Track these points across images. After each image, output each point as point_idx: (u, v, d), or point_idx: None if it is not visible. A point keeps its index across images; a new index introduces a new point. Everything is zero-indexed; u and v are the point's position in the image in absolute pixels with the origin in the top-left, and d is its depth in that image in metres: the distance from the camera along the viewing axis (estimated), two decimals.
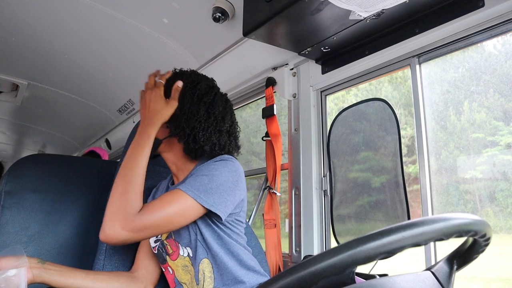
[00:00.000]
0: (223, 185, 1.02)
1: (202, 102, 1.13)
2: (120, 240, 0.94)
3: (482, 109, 1.25)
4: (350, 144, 1.45)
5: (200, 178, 1.01)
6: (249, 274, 1.09)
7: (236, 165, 1.08)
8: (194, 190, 0.99)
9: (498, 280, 1.33)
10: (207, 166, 1.05)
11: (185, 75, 1.18)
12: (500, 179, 1.19)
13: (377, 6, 1.05)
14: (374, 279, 0.60)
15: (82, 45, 2.10)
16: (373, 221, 1.34)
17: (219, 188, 1.01)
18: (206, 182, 1.00)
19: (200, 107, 1.12)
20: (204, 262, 1.08)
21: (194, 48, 1.90)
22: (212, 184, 1.01)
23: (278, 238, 1.60)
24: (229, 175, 1.04)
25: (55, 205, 1.45)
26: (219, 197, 1.01)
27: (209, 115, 1.12)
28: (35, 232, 1.38)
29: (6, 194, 1.36)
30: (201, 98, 1.13)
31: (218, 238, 1.07)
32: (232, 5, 1.50)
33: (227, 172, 1.04)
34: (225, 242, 1.08)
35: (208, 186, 1.00)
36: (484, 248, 0.59)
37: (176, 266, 1.13)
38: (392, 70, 1.35)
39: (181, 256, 1.11)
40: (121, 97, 2.71)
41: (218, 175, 1.02)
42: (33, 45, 2.14)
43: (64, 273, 1.00)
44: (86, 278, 1.04)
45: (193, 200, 0.98)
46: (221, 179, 1.02)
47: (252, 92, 1.96)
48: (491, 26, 1.08)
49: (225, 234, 1.08)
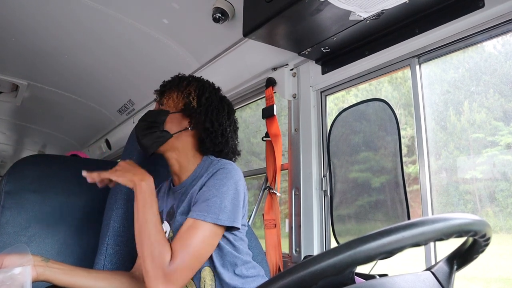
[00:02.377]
0: (234, 199, 1.05)
1: (224, 103, 1.22)
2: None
3: (482, 109, 1.25)
4: (350, 144, 1.45)
5: (212, 201, 1.02)
6: (247, 281, 1.11)
7: (237, 171, 1.09)
8: (212, 215, 1.00)
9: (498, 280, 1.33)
10: (213, 185, 1.05)
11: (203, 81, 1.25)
12: (500, 179, 1.19)
13: (377, 6, 1.05)
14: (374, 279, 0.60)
15: (82, 46, 2.10)
16: (373, 221, 1.34)
17: (232, 203, 1.04)
18: (219, 203, 1.02)
19: (224, 107, 1.21)
20: (205, 270, 1.08)
21: (194, 49, 1.90)
22: (224, 202, 1.02)
23: (278, 238, 1.60)
24: (235, 186, 1.06)
25: (55, 206, 1.45)
26: (235, 211, 1.04)
27: (229, 114, 1.22)
28: (35, 232, 1.38)
29: (6, 194, 1.36)
30: (222, 99, 1.23)
31: (219, 249, 1.08)
32: (232, 5, 1.50)
33: (233, 183, 1.06)
34: (225, 253, 1.09)
35: (222, 205, 1.02)
36: (484, 248, 0.59)
37: None
38: (392, 71, 1.35)
39: None
40: (121, 97, 2.71)
41: (226, 191, 1.04)
42: (33, 45, 2.14)
43: (67, 272, 1.01)
44: (88, 276, 1.05)
45: (214, 225, 1.00)
46: (230, 193, 1.04)
47: (252, 93, 1.96)
48: (491, 26, 1.08)
49: (226, 243, 1.09)
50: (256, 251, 1.35)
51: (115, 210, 1.27)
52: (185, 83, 1.21)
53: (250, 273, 1.12)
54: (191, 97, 1.17)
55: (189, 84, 1.21)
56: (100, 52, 2.15)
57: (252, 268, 1.14)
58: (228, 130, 1.20)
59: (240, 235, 1.13)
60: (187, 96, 1.17)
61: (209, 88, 1.21)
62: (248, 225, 1.43)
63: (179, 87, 1.20)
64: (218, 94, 1.23)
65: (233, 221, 1.02)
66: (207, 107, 1.16)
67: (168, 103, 1.18)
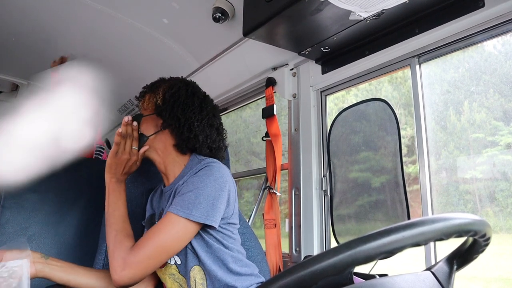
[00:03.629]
0: (210, 195, 1.02)
1: (195, 97, 1.20)
2: (126, 281, 0.96)
3: (482, 109, 1.25)
4: (350, 144, 1.45)
5: (187, 195, 1.01)
6: (240, 279, 1.09)
7: (220, 169, 1.08)
8: (184, 209, 0.99)
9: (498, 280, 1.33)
10: (192, 181, 1.05)
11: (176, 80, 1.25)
12: (500, 179, 1.19)
13: (377, 6, 1.05)
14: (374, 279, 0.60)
15: (82, 45, 2.10)
16: (373, 221, 1.34)
17: (207, 199, 1.01)
18: (194, 198, 1.01)
19: (194, 101, 1.18)
20: (195, 269, 1.07)
21: (194, 48, 1.90)
22: (200, 197, 1.01)
23: (278, 238, 1.60)
24: (214, 183, 1.04)
25: (55, 205, 1.45)
26: (211, 208, 1.01)
27: (202, 108, 1.19)
28: (35, 232, 1.38)
29: (6, 194, 1.36)
30: (194, 93, 1.21)
31: (207, 246, 1.07)
32: (232, 5, 1.50)
33: (212, 180, 1.04)
34: (214, 249, 1.07)
35: (196, 201, 1.00)
36: (484, 248, 0.59)
37: (163, 275, 1.13)
38: (392, 70, 1.35)
39: (168, 264, 1.11)
40: (121, 97, 2.71)
41: (203, 187, 1.03)
42: (33, 45, 2.14)
43: (66, 269, 1.02)
44: (87, 275, 1.06)
45: (186, 220, 0.99)
46: (207, 190, 1.02)
47: (252, 92, 1.96)
48: (491, 26, 1.08)
49: (214, 241, 1.07)
50: (256, 251, 1.35)
51: None
52: (157, 85, 1.23)
53: (243, 271, 1.11)
54: (158, 96, 1.18)
55: (160, 85, 1.22)
56: (100, 51, 2.15)
57: (245, 266, 1.12)
58: (196, 124, 1.15)
59: (228, 233, 1.10)
60: (155, 96, 1.19)
61: (178, 85, 1.20)
62: (248, 225, 1.43)
63: (152, 89, 1.22)
64: (189, 89, 1.21)
65: (206, 218, 1.00)
66: (172, 103, 1.16)
67: (143, 106, 1.22)
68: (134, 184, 1.33)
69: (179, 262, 1.09)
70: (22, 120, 1.35)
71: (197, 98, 1.20)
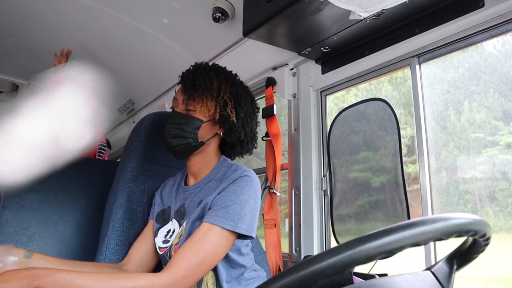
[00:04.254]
0: (253, 208, 1.04)
1: (254, 105, 1.21)
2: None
3: (482, 109, 1.25)
4: (350, 144, 1.45)
5: (232, 208, 1.01)
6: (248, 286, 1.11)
7: (257, 181, 1.10)
8: (231, 222, 0.99)
9: (498, 279, 1.33)
10: (234, 191, 1.04)
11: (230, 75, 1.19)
12: (500, 179, 1.20)
13: (377, 6, 1.05)
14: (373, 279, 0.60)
15: (82, 45, 2.10)
16: (373, 221, 1.34)
17: (250, 212, 1.03)
18: (239, 210, 1.01)
19: (254, 110, 1.20)
20: (208, 273, 1.08)
21: (194, 48, 1.90)
22: (244, 210, 1.02)
23: (278, 238, 1.60)
24: (254, 195, 1.06)
25: (55, 205, 1.45)
26: (253, 221, 1.04)
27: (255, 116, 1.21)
28: (35, 232, 1.38)
29: (6, 194, 1.36)
30: (253, 99, 1.22)
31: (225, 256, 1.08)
32: (232, 5, 1.50)
33: (253, 193, 1.06)
34: (230, 260, 1.09)
35: (241, 213, 1.01)
36: (484, 248, 0.59)
37: None
38: (392, 70, 1.35)
39: None
40: (121, 97, 2.71)
41: (247, 199, 1.04)
42: (33, 44, 2.14)
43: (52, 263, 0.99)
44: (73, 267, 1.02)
45: (231, 232, 1.00)
46: (249, 202, 1.04)
47: (252, 92, 1.95)
48: (491, 26, 1.08)
49: (232, 251, 1.09)
50: (256, 250, 1.35)
51: (114, 209, 1.27)
52: (216, 85, 1.11)
53: (250, 275, 1.13)
54: (228, 109, 1.10)
55: (220, 87, 1.12)
56: (100, 51, 2.15)
57: (253, 271, 1.15)
58: (256, 133, 1.20)
59: (247, 241, 1.14)
60: (223, 107, 1.10)
61: (243, 95, 1.15)
62: None
63: (212, 92, 1.10)
64: (249, 97, 1.19)
65: (250, 230, 1.02)
66: (243, 119, 1.14)
67: (200, 110, 1.10)
68: (135, 183, 1.33)
69: None
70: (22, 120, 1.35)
71: (256, 107, 1.22)
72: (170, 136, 1.10)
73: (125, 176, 1.32)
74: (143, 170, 1.36)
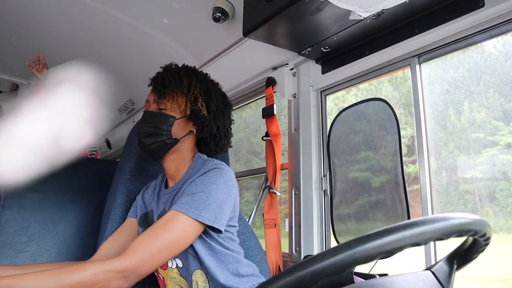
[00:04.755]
0: (220, 198, 1.01)
1: (227, 102, 1.21)
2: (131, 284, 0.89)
3: (482, 109, 1.25)
4: (350, 144, 1.45)
5: (198, 195, 0.99)
6: (243, 281, 1.08)
7: (229, 173, 1.07)
8: (194, 209, 0.96)
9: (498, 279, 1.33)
10: (202, 180, 1.02)
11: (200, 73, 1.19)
12: (500, 178, 1.19)
13: (377, 6, 1.05)
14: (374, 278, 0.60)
15: (82, 45, 2.10)
16: (373, 221, 1.34)
17: (217, 202, 1.00)
18: (205, 199, 0.98)
19: (227, 107, 1.19)
20: (197, 273, 1.06)
21: (194, 48, 1.90)
22: (210, 199, 0.99)
23: (278, 237, 1.60)
24: (224, 186, 1.03)
25: (55, 205, 1.45)
26: (219, 212, 1.00)
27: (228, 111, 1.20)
28: (35, 231, 1.38)
29: (6, 194, 1.36)
30: (224, 96, 1.20)
31: (210, 248, 1.06)
32: (232, 5, 1.50)
33: (222, 183, 1.03)
34: (216, 252, 1.06)
35: (207, 202, 0.98)
36: (484, 247, 0.59)
37: (166, 276, 1.12)
38: (392, 70, 1.35)
39: (169, 268, 1.10)
40: (121, 96, 2.71)
41: (215, 188, 1.01)
42: (33, 44, 2.14)
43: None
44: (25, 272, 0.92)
45: (194, 220, 0.96)
46: (218, 192, 1.01)
47: (252, 92, 1.96)
48: (491, 26, 1.08)
49: (217, 243, 1.06)
50: (255, 250, 1.35)
51: (113, 209, 1.27)
52: (186, 82, 1.13)
53: (245, 272, 1.10)
54: (199, 103, 1.12)
55: (190, 83, 1.13)
56: (100, 51, 2.15)
57: (246, 266, 1.12)
58: (229, 130, 1.20)
59: (229, 235, 1.10)
60: (194, 102, 1.11)
61: (213, 90, 1.16)
62: (248, 225, 1.43)
63: (182, 88, 1.12)
64: (220, 93, 1.20)
65: (214, 221, 0.98)
66: (214, 113, 1.14)
67: (172, 107, 1.11)
68: (133, 183, 1.33)
69: (180, 265, 1.08)
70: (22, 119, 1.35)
71: (228, 104, 1.21)
72: (143, 135, 1.10)
73: (124, 176, 1.32)
74: (142, 170, 1.36)
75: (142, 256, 0.90)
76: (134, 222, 1.21)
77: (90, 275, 0.84)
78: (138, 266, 0.89)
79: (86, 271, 0.84)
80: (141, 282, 1.21)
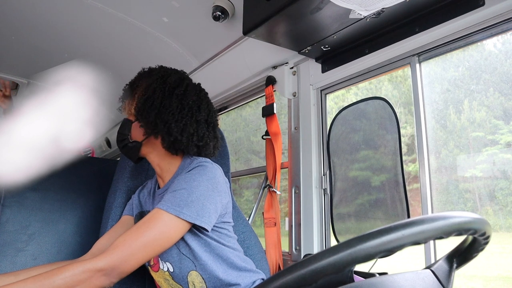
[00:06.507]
0: (203, 195, 0.99)
1: (174, 95, 1.11)
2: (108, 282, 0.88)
3: (482, 108, 1.25)
4: (350, 142, 1.45)
5: (179, 192, 0.98)
6: (242, 275, 1.08)
7: (213, 169, 1.05)
8: (175, 206, 0.95)
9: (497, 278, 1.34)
10: (184, 178, 1.02)
11: (154, 72, 1.17)
12: (500, 177, 1.20)
13: (377, 4, 1.05)
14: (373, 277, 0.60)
15: (81, 44, 2.10)
16: (373, 220, 1.34)
17: (199, 199, 0.98)
18: (186, 195, 0.97)
19: (172, 100, 1.10)
20: (192, 274, 1.05)
21: (194, 47, 1.90)
22: (192, 196, 0.97)
23: (278, 236, 1.60)
24: (207, 183, 1.01)
25: (55, 204, 1.45)
26: (202, 209, 0.97)
27: (182, 106, 1.10)
28: (35, 230, 1.38)
29: (7, 193, 1.36)
30: (173, 91, 1.11)
31: (206, 245, 1.05)
32: (232, 4, 1.49)
33: (205, 180, 1.01)
34: (213, 247, 1.06)
35: (188, 199, 0.96)
36: (483, 246, 0.59)
37: (158, 277, 1.12)
38: (392, 69, 1.35)
39: (161, 270, 1.10)
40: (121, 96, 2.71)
41: (197, 185, 0.99)
42: (33, 43, 2.14)
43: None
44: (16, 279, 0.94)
45: (176, 217, 0.94)
46: (200, 189, 0.99)
47: (252, 91, 1.96)
48: (491, 25, 1.08)
49: (212, 239, 1.06)
50: (255, 249, 1.35)
51: (113, 208, 1.27)
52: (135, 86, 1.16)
53: (244, 266, 1.09)
54: (136, 102, 1.13)
55: (137, 87, 1.15)
56: (100, 50, 2.15)
57: (243, 262, 1.12)
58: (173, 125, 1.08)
59: (224, 232, 1.09)
60: (133, 102, 1.15)
61: (153, 86, 1.11)
62: (248, 223, 1.43)
63: (131, 91, 1.17)
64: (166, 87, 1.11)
65: (196, 218, 0.96)
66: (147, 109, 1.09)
67: (126, 111, 1.18)
68: (134, 182, 1.33)
69: (171, 269, 1.07)
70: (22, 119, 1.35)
71: (176, 96, 1.10)
72: (117, 142, 1.16)
73: (124, 175, 1.32)
74: (142, 169, 1.36)
75: (123, 254, 0.89)
76: (129, 220, 1.21)
77: (71, 275, 0.85)
78: (120, 263, 0.89)
79: (67, 272, 0.85)
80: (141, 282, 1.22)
